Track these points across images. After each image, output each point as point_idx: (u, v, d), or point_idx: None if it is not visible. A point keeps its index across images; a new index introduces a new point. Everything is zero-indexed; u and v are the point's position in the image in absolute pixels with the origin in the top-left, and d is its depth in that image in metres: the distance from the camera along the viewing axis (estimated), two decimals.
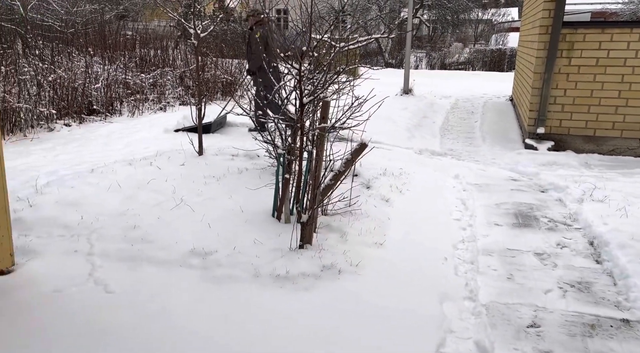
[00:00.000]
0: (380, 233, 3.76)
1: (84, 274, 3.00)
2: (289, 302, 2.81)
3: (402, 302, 2.85)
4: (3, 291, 2.73)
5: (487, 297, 2.91)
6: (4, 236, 2.89)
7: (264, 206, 4.09)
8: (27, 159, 5.25)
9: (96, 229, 3.56)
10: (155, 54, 10.76)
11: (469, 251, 3.55)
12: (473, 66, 19.55)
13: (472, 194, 4.82)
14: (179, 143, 6.11)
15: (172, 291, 2.85)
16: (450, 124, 8.54)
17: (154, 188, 4.36)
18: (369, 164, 5.60)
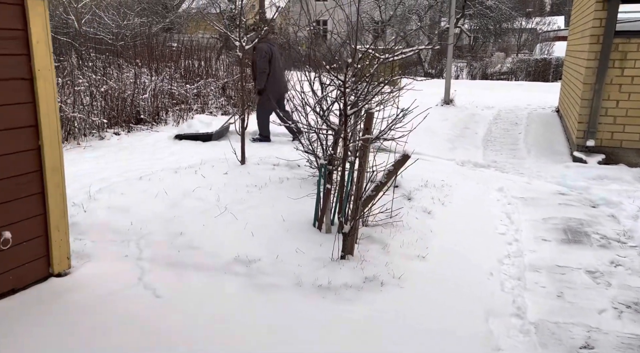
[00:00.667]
0: (422, 245, 3.72)
1: (134, 278, 3.10)
2: (331, 313, 2.81)
3: (447, 317, 2.80)
4: (61, 293, 2.86)
5: (536, 315, 2.82)
6: (63, 240, 3.04)
7: (305, 216, 4.12)
8: (81, 166, 5.50)
9: (145, 235, 3.69)
10: (199, 65, 11.08)
11: (516, 266, 3.45)
12: (516, 76, 19.10)
13: (517, 208, 4.69)
14: (222, 152, 6.26)
15: (219, 298, 2.91)
16: (493, 135, 8.36)
17: (198, 196, 4.47)
18: (409, 175, 5.55)
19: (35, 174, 2.82)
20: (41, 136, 2.79)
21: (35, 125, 2.77)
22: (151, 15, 16.85)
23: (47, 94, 2.79)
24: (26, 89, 2.68)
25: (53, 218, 2.96)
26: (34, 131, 2.77)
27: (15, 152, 2.68)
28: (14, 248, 2.75)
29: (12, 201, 2.71)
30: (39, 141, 2.80)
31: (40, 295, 2.82)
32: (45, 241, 2.95)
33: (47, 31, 2.73)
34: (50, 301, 2.76)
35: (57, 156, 2.91)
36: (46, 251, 2.97)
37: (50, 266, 3.00)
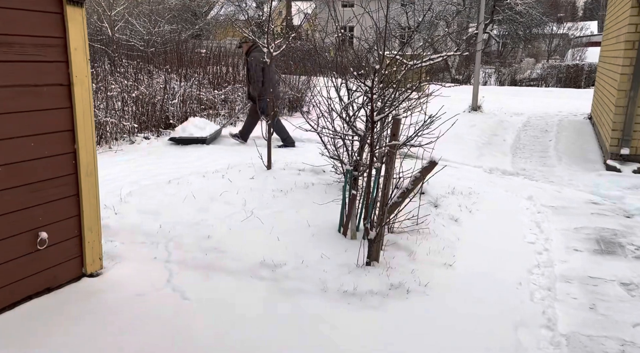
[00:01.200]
0: (449, 253, 3.67)
1: (162, 280, 3.16)
2: (356, 320, 2.80)
3: (474, 327, 2.75)
4: (93, 292, 2.94)
5: (567, 327, 2.75)
6: (95, 241, 3.12)
7: (330, 221, 4.13)
8: (113, 169, 5.64)
9: (173, 237, 3.75)
10: (227, 71, 11.25)
11: (546, 277, 3.37)
12: (546, 83, 18.72)
13: (547, 216, 4.58)
14: (249, 156, 6.33)
15: (245, 302, 2.94)
16: (522, 142, 8.20)
17: (225, 200, 4.53)
18: (436, 182, 5.49)
19: (71, 177, 2.91)
20: (77, 140, 2.89)
21: (72, 129, 2.86)
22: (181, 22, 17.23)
23: (84, 99, 2.88)
24: (64, 95, 2.78)
25: (87, 220, 3.04)
26: (71, 135, 2.86)
27: (53, 155, 2.78)
28: (49, 248, 2.84)
29: (50, 202, 2.80)
30: (74, 145, 2.89)
31: (74, 295, 2.90)
32: (79, 242, 3.04)
33: (85, 39, 2.83)
34: (83, 301, 2.84)
35: (92, 159, 3.00)
36: (80, 252, 3.05)
37: (83, 267, 3.08)
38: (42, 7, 2.59)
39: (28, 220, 2.70)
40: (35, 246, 2.76)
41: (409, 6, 16.79)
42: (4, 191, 2.56)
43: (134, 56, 11.91)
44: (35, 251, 2.77)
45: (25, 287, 2.75)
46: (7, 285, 2.65)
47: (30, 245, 2.73)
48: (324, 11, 13.17)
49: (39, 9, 2.57)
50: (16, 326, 2.54)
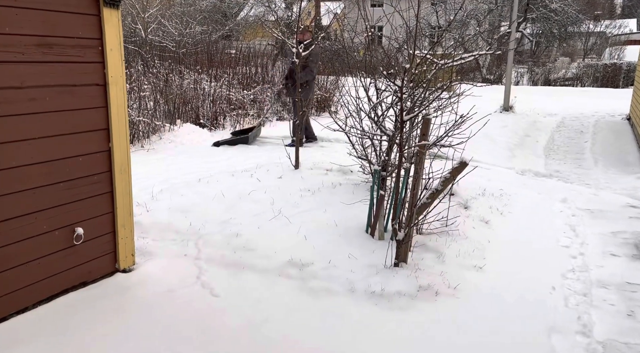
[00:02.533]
0: (479, 256, 3.60)
1: (192, 276, 3.21)
2: (384, 320, 2.78)
3: (505, 332, 2.69)
4: (126, 287, 3.01)
5: (603, 334, 2.65)
6: (128, 237, 3.20)
7: (357, 222, 4.11)
8: (145, 168, 5.77)
9: (203, 235, 3.81)
10: (256, 72, 11.37)
11: (581, 281, 3.26)
12: (582, 82, 18.16)
13: (582, 220, 4.44)
14: (276, 156, 6.37)
15: (272, 301, 2.95)
16: (556, 144, 7.98)
17: (254, 199, 4.57)
18: (466, 183, 5.40)
19: (106, 174, 2.99)
20: (111, 138, 2.96)
21: (107, 128, 2.94)
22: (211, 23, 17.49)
23: (118, 99, 2.96)
24: (100, 95, 2.86)
25: (120, 216, 3.12)
26: (106, 134, 2.94)
27: (89, 153, 2.86)
28: (85, 243, 2.93)
29: (85, 199, 2.88)
30: (109, 144, 2.97)
31: (108, 289, 2.98)
32: (112, 238, 3.12)
33: (120, 40, 2.90)
34: (117, 295, 2.91)
35: (125, 157, 3.08)
36: (113, 248, 3.13)
37: (116, 262, 3.16)
38: (80, 9, 2.67)
39: (65, 216, 2.79)
40: (72, 241, 2.84)
41: (439, 5, 16.57)
42: (43, 188, 2.65)
43: (166, 56, 12.17)
44: (72, 246, 2.85)
45: (62, 281, 2.84)
46: (46, 278, 2.74)
47: (67, 240, 2.82)
48: (353, 11, 13.14)
49: (77, 11, 2.65)
50: (54, 318, 2.63)
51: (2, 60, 2.37)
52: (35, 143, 2.57)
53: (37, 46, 2.49)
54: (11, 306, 2.60)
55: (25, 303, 2.67)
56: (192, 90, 8.67)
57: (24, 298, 2.66)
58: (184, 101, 8.20)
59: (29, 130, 2.53)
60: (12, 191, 2.51)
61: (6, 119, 2.43)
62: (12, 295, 2.60)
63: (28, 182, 2.57)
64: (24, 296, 2.65)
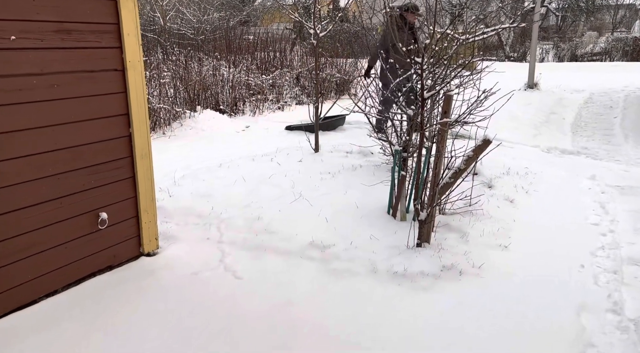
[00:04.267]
0: (504, 235, 3.53)
1: (215, 260, 3.24)
2: (407, 300, 2.76)
3: (532, 310, 2.64)
4: (150, 271, 3.06)
5: (636, 312, 2.57)
6: (151, 222, 3.24)
7: (378, 203, 4.07)
8: (167, 154, 5.83)
9: (224, 219, 3.84)
10: (274, 56, 11.31)
11: (611, 259, 3.17)
12: (611, 57, 17.50)
13: (612, 197, 4.30)
14: (296, 140, 6.35)
15: (295, 282, 2.96)
16: (584, 120, 7.73)
17: (274, 183, 4.57)
18: (490, 162, 5.29)
19: (127, 159, 3.02)
20: (132, 124, 2.98)
21: (127, 114, 2.96)
22: (229, 9, 17.43)
23: (137, 84, 2.97)
24: (119, 80, 2.87)
25: (142, 201, 3.16)
26: (126, 119, 2.96)
27: (110, 139, 2.89)
28: (109, 228, 2.98)
29: (108, 184, 2.92)
30: (129, 129, 2.99)
31: (133, 272, 3.04)
32: (136, 222, 3.16)
33: (137, 25, 2.90)
34: (142, 278, 2.96)
35: (146, 142, 3.10)
36: (137, 232, 3.18)
37: (140, 246, 3.21)
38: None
39: (89, 201, 2.83)
40: (97, 226, 2.89)
41: None
42: (67, 174, 2.69)
43: (185, 44, 12.21)
44: (97, 230, 2.90)
45: (89, 264, 2.90)
46: (73, 262, 2.81)
47: (92, 225, 2.87)
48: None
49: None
50: (83, 300, 2.69)
51: (22, 47, 2.39)
52: (57, 129, 2.60)
53: (55, 32, 2.50)
54: (42, 289, 2.68)
55: (54, 286, 2.74)
56: (211, 76, 8.68)
57: (53, 282, 2.73)
58: (203, 87, 8.22)
59: (51, 116, 2.56)
60: (38, 177, 2.56)
61: (29, 105, 2.46)
62: (42, 279, 2.67)
63: (52, 168, 2.61)
64: (53, 279, 2.72)
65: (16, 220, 2.50)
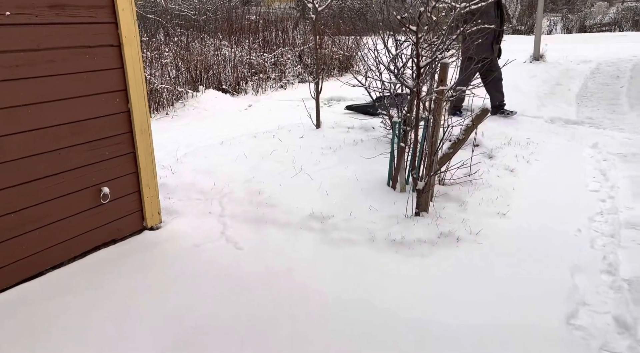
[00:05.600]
0: (503, 203, 3.55)
1: (217, 232, 3.31)
2: (404, 266, 2.81)
3: (528, 273, 2.68)
4: (153, 244, 3.13)
5: (630, 272, 2.60)
6: (153, 197, 3.30)
7: (378, 176, 4.10)
8: (170, 133, 5.88)
9: (226, 193, 3.89)
10: (277, 35, 11.23)
11: (609, 223, 3.18)
12: (620, 27, 17.11)
13: (614, 164, 4.29)
14: (298, 117, 6.36)
15: (295, 251, 3.02)
16: (590, 90, 7.63)
17: (276, 158, 4.61)
18: (491, 133, 5.28)
19: (127, 135, 3.07)
20: (130, 99, 3.02)
21: (125, 89, 2.99)
22: None
23: (134, 59, 2.99)
24: (115, 56, 2.90)
25: (144, 176, 3.21)
26: (124, 95, 3.00)
27: (109, 114, 2.93)
28: (112, 202, 3.04)
29: (109, 159, 2.98)
30: (128, 105, 3.03)
31: (137, 245, 3.11)
32: (138, 197, 3.22)
33: (131, 0, 2.91)
34: (146, 251, 3.04)
35: (145, 118, 3.13)
36: (140, 207, 3.25)
37: (144, 220, 3.28)
38: None
39: (91, 176, 2.89)
40: (99, 200, 2.96)
41: None
42: (69, 149, 2.75)
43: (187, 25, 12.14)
44: (100, 205, 2.97)
45: (93, 238, 2.98)
46: (77, 236, 2.88)
47: (94, 199, 2.94)
48: None
49: None
50: (88, 272, 2.77)
51: (17, 22, 2.42)
52: (56, 105, 2.64)
53: (49, 8, 2.53)
54: (47, 261, 2.76)
55: (60, 258, 2.82)
56: (213, 56, 8.66)
57: (58, 254, 2.81)
58: (205, 67, 8.22)
59: (50, 92, 2.60)
60: (40, 152, 2.61)
61: (27, 81, 2.50)
62: (48, 251, 2.75)
63: (54, 143, 2.67)
64: (58, 252, 2.80)
65: (19, 194, 2.57)
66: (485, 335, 2.18)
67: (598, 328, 2.19)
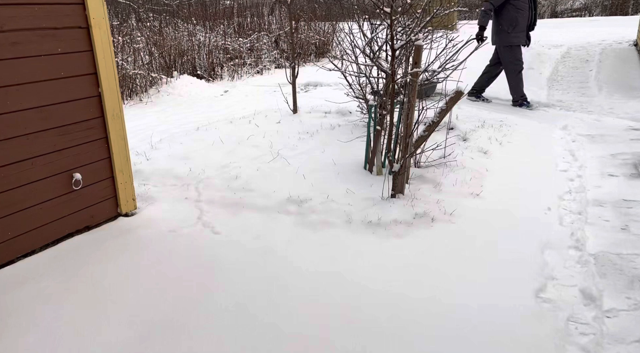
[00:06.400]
0: (477, 184, 3.62)
1: (193, 217, 3.29)
2: (380, 246, 2.85)
3: (499, 250, 2.75)
4: (128, 230, 3.10)
5: (596, 247, 2.70)
6: (127, 183, 3.26)
7: (355, 159, 4.13)
8: (144, 120, 5.79)
9: (202, 179, 3.86)
10: (252, 20, 11.09)
11: (577, 201, 3.29)
12: (590, 12, 17.45)
13: (582, 145, 4.41)
14: (275, 102, 6.33)
15: (273, 234, 3.03)
16: (560, 74, 7.79)
17: (252, 144, 4.59)
18: (465, 116, 5.36)
19: (98, 120, 3.00)
20: (100, 83, 2.95)
21: (95, 73, 2.92)
22: None
23: (103, 42, 2.92)
24: (84, 38, 2.82)
25: (117, 162, 3.16)
26: (94, 78, 2.93)
27: (79, 98, 2.86)
28: (85, 188, 2.99)
29: (80, 145, 2.91)
30: (99, 89, 2.96)
31: (111, 232, 3.07)
32: (112, 183, 3.17)
33: None
34: (121, 237, 3.00)
35: (116, 102, 3.07)
36: (113, 193, 3.20)
37: (118, 207, 3.24)
38: None
39: (61, 162, 2.83)
40: (71, 186, 2.90)
41: None
42: (37, 134, 2.68)
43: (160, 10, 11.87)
44: (71, 191, 2.92)
45: (66, 225, 2.93)
46: (50, 223, 2.83)
47: (66, 185, 2.88)
48: None
49: None
50: (62, 258, 2.73)
51: None
52: (24, 88, 2.57)
53: None
54: (18, 249, 2.70)
55: (31, 246, 2.77)
56: (187, 41, 8.51)
57: (30, 242, 2.75)
58: (179, 52, 8.07)
59: (15, 75, 2.53)
60: (7, 137, 2.54)
61: None
62: (18, 239, 2.69)
63: (21, 128, 2.60)
64: (29, 239, 2.75)
65: None
66: (457, 308, 2.24)
67: (565, 301, 2.27)
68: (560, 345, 1.96)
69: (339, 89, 7.41)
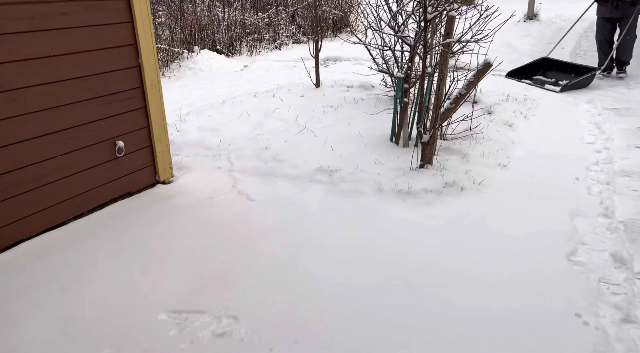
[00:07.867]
0: (503, 155, 3.68)
1: (228, 186, 3.40)
2: (412, 213, 2.94)
3: (529, 218, 2.83)
4: (168, 196, 3.22)
5: (626, 215, 2.77)
6: (165, 151, 3.37)
7: (381, 132, 4.19)
8: (169, 94, 5.87)
9: (233, 150, 3.96)
10: None
11: (605, 172, 3.34)
12: None
13: (609, 118, 4.43)
14: (296, 77, 6.37)
15: (305, 202, 3.13)
16: (583, 48, 7.70)
17: (278, 117, 4.67)
18: (489, 91, 5.37)
19: (138, 90, 3.10)
20: (140, 54, 3.03)
21: (135, 44, 3.00)
22: None
23: (143, 14, 2.98)
24: (125, 9, 2.89)
25: (155, 131, 3.27)
26: (134, 49, 3.01)
27: (120, 69, 2.95)
28: (126, 156, 3.10)
29: (123, 114, 3.02)
30: (139, 59, 3.04)
31: (151, 198, 3.20)
32: (150, 151, 3.29)
33: None
34: (161, 203, 3.13)
35: (155, 73, 3.16)
36: (152, 161, 3.31)
37: (156, 174, 3.36)
38: None
39: (105, 130, 2.94)
40: (115, 154, 3.02)
41: None
42: (83, 103, 2.78)
43: None
44: (115, 158, 3.03)
45: (110, 190, 3.06)
46: (95, 188, 2.96)
47: (110, 152, 3.00)
48: None
49: None
50: (107, 221, 2.87)
51: None
52: (72, 58, 2.66)
53: None
54: (69, 211, 2.84)
55: (80, 209, 2.90)
56: (206, 17, 8.52)
57: (79, 205, 2.89)
58: (199, 27, 8.09)
59: (64, 44, 2.61)
60: (54, 106, 2.65)
61: (42, 33, 2.51)
62: (69, 202, 2.83)
63: (69, 96, 2.70)
64: (79, 203, 2.89)
65: (40, 146, 2.62)
66: (491, 271, 2.34)
67: (596, 264, 2.36)
68: (594, 303, 2.05)
69: (359, 64, 7.41)
